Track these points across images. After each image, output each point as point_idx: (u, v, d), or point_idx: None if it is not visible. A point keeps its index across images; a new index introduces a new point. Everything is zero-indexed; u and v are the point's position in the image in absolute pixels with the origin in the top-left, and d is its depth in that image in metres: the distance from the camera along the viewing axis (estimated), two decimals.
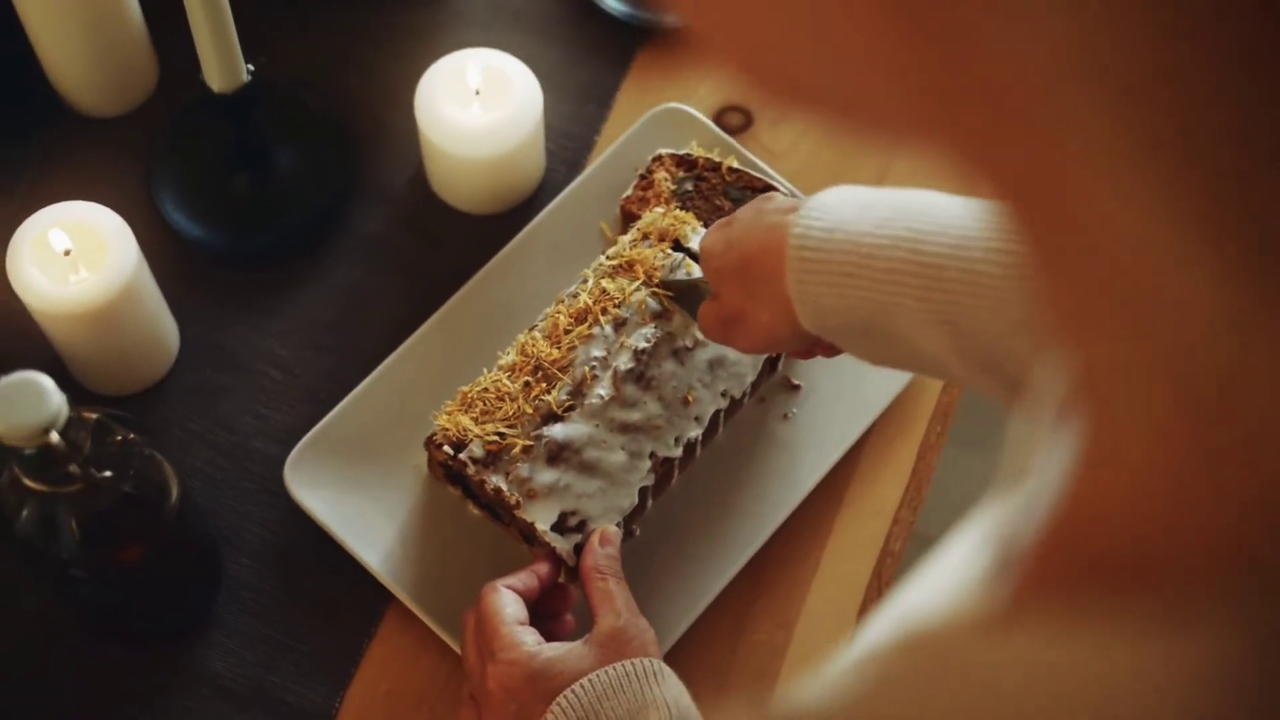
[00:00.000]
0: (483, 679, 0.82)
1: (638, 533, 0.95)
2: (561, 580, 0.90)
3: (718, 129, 1.06)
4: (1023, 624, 0.29)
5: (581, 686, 0.79)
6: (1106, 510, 0.29)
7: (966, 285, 0.70)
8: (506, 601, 0.84)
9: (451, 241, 1.05)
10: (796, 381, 1.00)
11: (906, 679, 0.29)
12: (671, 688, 0.80)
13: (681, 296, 0.93)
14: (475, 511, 0.95)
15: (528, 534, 0.90)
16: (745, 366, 0.94)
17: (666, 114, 1.06)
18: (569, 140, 1.09)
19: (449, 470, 0.92)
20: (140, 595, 0.89)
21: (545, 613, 0.88)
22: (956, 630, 0.30)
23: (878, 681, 0.30)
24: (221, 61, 0.91)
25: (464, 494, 0.95)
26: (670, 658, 0.91)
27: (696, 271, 0.94)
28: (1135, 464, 0.27)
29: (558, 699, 0.79)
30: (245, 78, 0.93)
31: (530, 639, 0.82)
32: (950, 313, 0.71)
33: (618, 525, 0.90)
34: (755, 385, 0.96)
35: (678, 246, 0.95)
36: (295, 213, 1.04)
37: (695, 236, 0.95)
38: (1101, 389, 0.28)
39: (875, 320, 0.74)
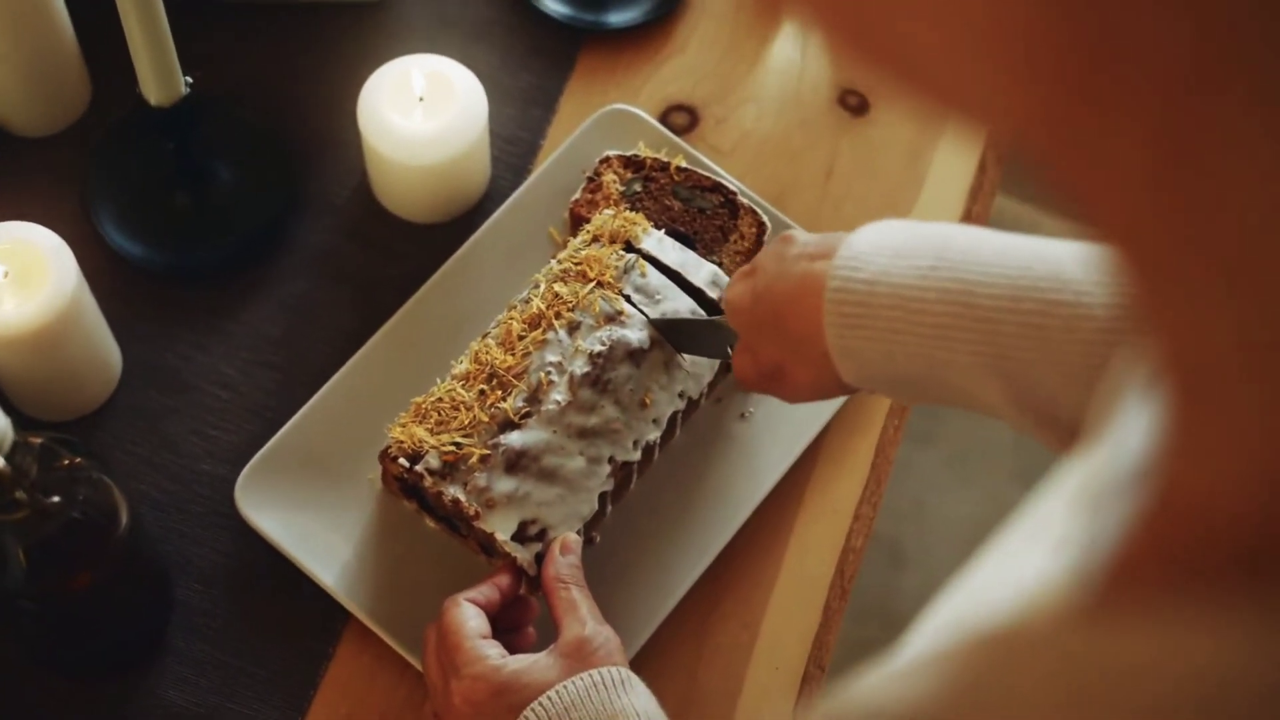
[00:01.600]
0: (447, 695, 0.80)
1: (598, 540, 0.94)
2: (523, 592, 0.88)
3: (664, 129, 1.05)
4: (1118, 616, 0.27)
5: (549, 698, 0.77)
6: (1212, 497, 0.27)
7: (1025, 339, 0.67)
8: (468, 615, 0.82)
9: (398, 252, 1.03)
10: None
11: (988, 678, 0.27)
12: (640, 696, 0.79)
13: (692, 337, 0.91)
14: (432, 525, 0.93)
15: (487, 545, 0.89)
16: (702, 366, 0.93)
17: (612, 115, 1.05)
18: (513, 145, 1.07)
19: (404, 483, 0.91)
20: (90, 624, 0.86)
21: (506, 625, 0.87)
22: (1042, 625, 0.28)
23: (955, 682, 0.28)
24: (158, 73, 0.89)
25: (420, 507, 0.93)
26: (636, 663, 0.90)
27: (667, 292, 0.92)
28: (1247, 451, 0.26)
29: (525, 711, 0.77)
30: (184, 90, 0.91)
31: (494, 652, 0.80)
32: (1007, 366, 0.68)
33: (578, 533, 0.89)
34: (712, 385, 0.95)
35: (629, 248, 0.94)
36: (237, 228, 1.02)
37: (647, 237, 0.94)
38: (1208, 375, 0.27)
39: (925, 373, 0.71)
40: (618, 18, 1.11)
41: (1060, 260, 0.68)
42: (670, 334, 0.91)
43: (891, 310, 0.70)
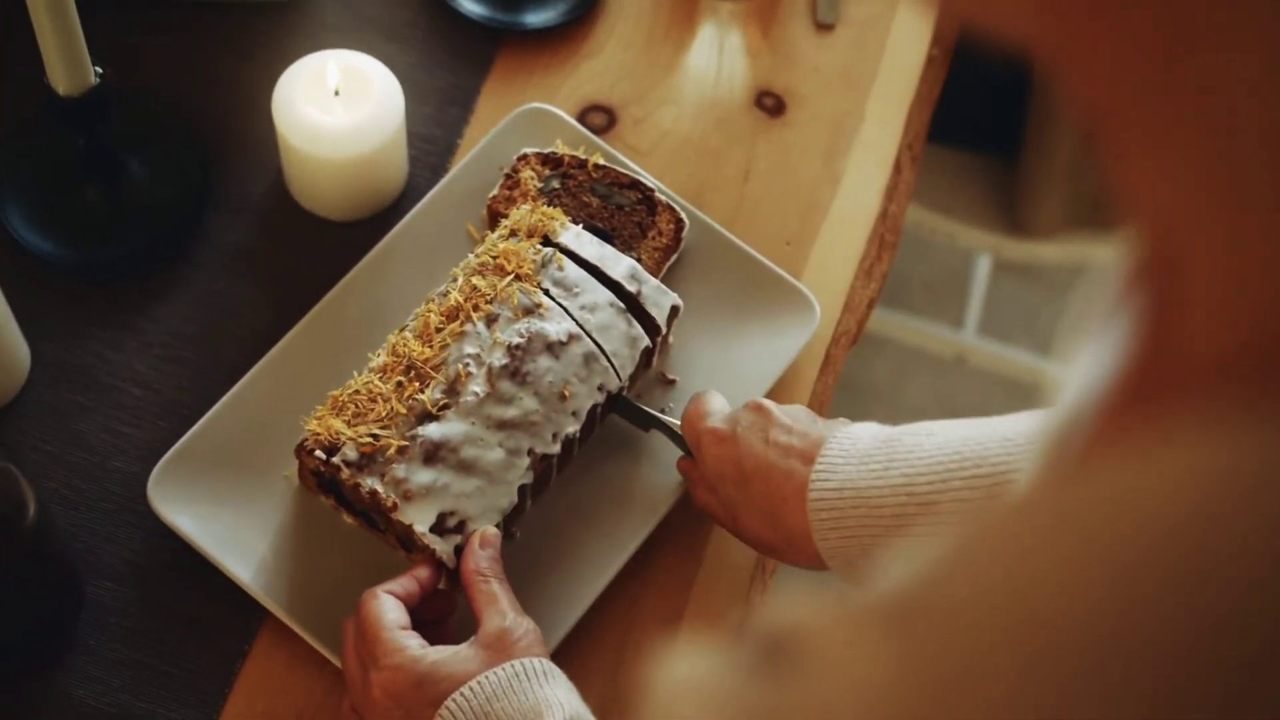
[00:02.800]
0: (366, 687, 0.79)
1: (518, 535, 0.93)
2: (442, 586, 0.87)
3: (582, 128, 1.05)
4: (1108, 461, 0.28)
5: (470, 689, 0.77)
6: (1190, 339, 0.29)
7: (958, 513, 0.76)
8: (387, 607, 0.81)
9: (315, 249, 1.02)
10: (672, 376, 0.99)
11: (985, 538, 0.28)
12: (561, 687, 0.79)
13: (650, 423, 0.94)
14: (349, 520, 0.92)
15: (405, 538, 0.88)
16: (622, 359, 0.93)
17: (530, 114, 1.05)
18: (431, 144, 1.07)
19: (321, 478, 0.90)
20: None
21: (427, 619, 0.86)
22: (1038, 487, 0.29)
23: (954, 547, 0.29)
24: (67, 62, 0.87)
25: (337, 503, 0.92)
26: (558, 657, 0.89)
27: (585, 285, 0.93)
28: (1223, 293, 0.28)
29: (446, 702, 0.77)
30: (93, 80, 0.90)
31: (414, 643, 0.79)
32: None
33: (497, 527, 0.88)
34: (632, 379, 0.95)
35: (547, 242, 0.94)
36: (149, 224, 1.00)
37: (565, 232, 0.94)
38: (1187, 237, 0.29)
39: None
40: (535, 18, 1.12)
41: (985, 442, 0.79)
42: (628, 409, 0.95)
43: (856, 509, 0.81)
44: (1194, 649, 0.25)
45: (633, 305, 0.94)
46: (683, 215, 1.01)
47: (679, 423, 0.92)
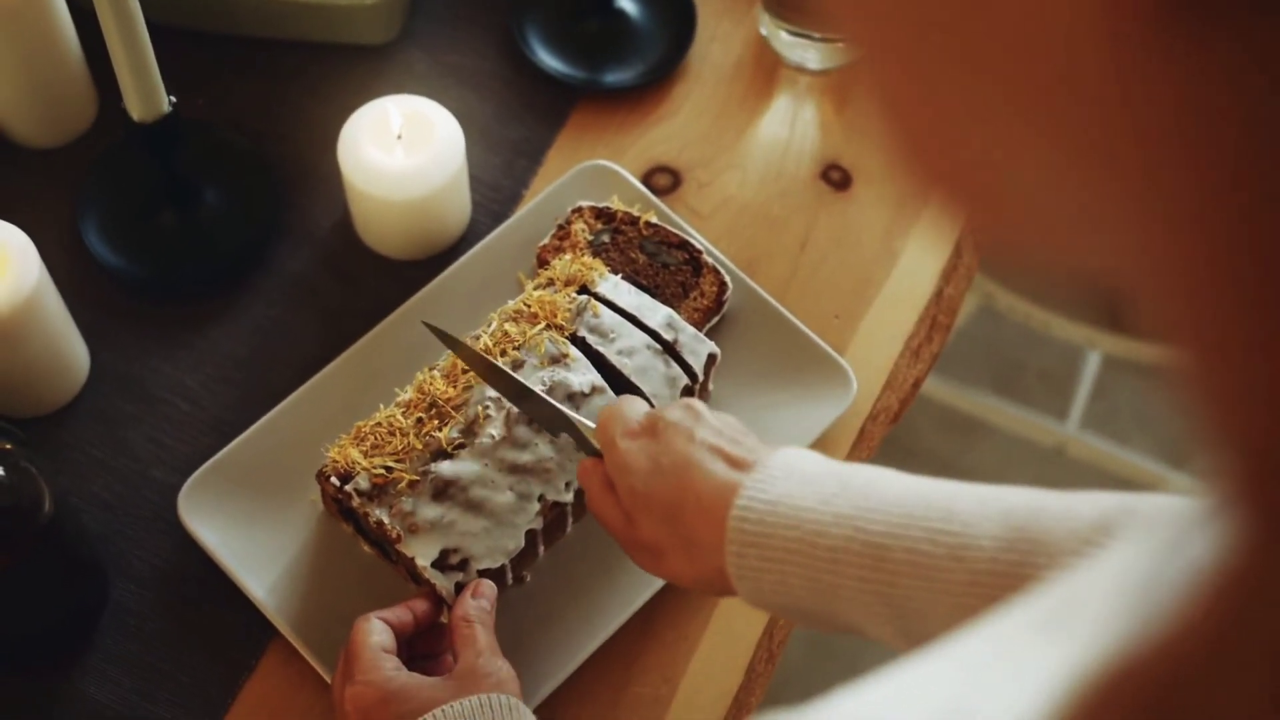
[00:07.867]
0: (341, 704, 0.82)
1: (528, 579, 0.95)
2: (443, 619, 0.89)
3: (642, 186, 1.07)
4: None
5: (433, 716, 0.78)
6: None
7: (909, 565, 0.69)
8: (375, 629, 0.83)
9: (372, 285, 1.06)
10: None
11: None
12: None
13: (556, 423, 0.89)
14: (367, 549, 0.95)
15: (411, 570, 0.90)
16: (662, 400, 0.94)
17: (593, 170, 1.07)
18: (496, 193, 1.10)
19: (341, 505, 0.92)
20: (9, 611, 0.88)
21: (425, 652, 0.88)
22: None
23: None
24: (140, 90, 0.92)
25: (356, 531, 0.94)
26: (553, 704, 0.90)
27: (620, 330, 0.93)
28: None
29: None
30: (166, 108, 0.95)
31: (390, 664, 0.82)
32: (893, 595, 0.69)
33: (504, 568, 0.90)
34: None
35: (585, 291, 0.96)
36: (218, 249, 1.05)
37: (603, 282, 0.96)
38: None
39: (816, 602, 0.72)
40: (613, 78, 1.14)
41: (954, 498, 0.70)
42: (537, 407, 0.89)
43: (789, 530, 0.72)
44: None
45: (670, 353, 0.95)
46: (726, 278, 1.02)
47: (592, 424, 0.86)
